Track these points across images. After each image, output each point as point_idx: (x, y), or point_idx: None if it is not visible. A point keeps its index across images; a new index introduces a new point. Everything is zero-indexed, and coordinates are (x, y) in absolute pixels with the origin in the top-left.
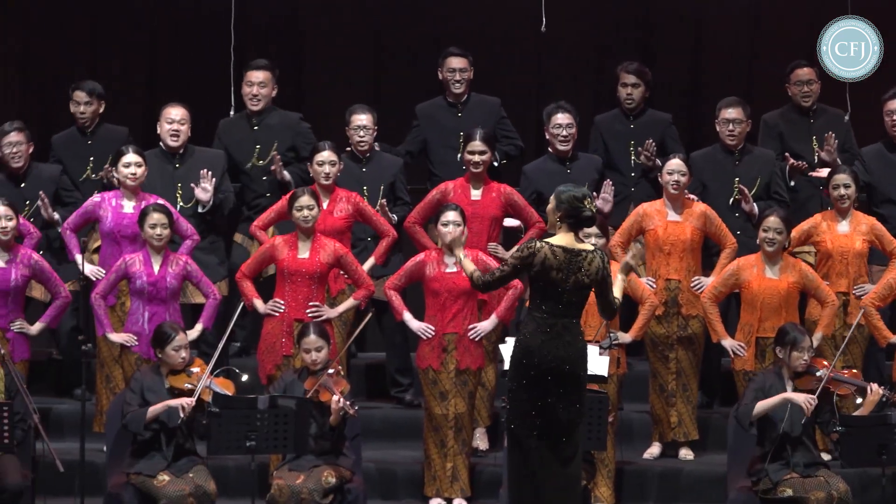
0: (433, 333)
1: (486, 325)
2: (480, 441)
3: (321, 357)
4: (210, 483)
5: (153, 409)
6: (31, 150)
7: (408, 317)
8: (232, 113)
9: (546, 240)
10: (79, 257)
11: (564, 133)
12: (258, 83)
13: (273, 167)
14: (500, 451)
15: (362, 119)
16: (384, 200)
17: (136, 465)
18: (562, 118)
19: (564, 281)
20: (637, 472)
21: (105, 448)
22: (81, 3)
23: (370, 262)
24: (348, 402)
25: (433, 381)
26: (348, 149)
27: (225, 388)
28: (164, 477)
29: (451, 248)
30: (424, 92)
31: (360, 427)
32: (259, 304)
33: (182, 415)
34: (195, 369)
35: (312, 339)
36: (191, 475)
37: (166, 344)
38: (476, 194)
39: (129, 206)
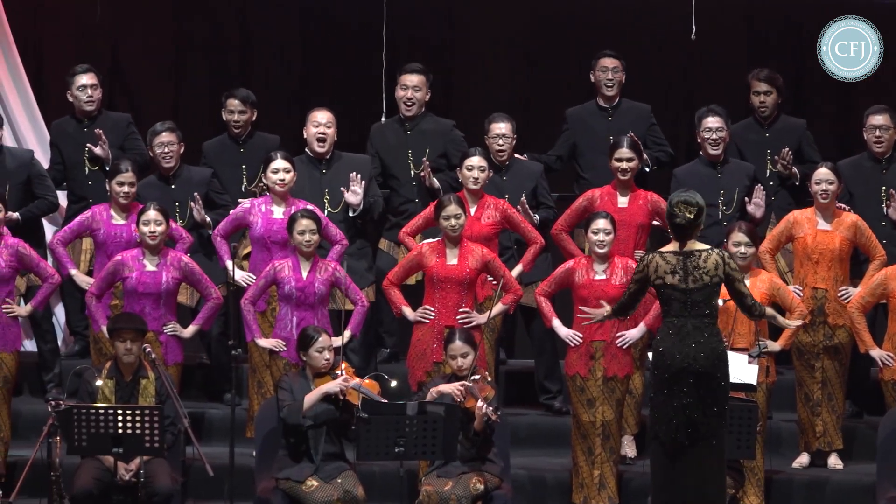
0: (581, 341)
1: (633, 334)
2: (628, 448)
3: (467, 363)
4: (358, 488)
5: (309, 398)
6: (182, 151)
7: (556, 323)
8: (384, 119)
9: (658, 250)
10: (229, 263)
11: (715, 136)
12: (412, 87)
13: (422, 173)
14: (648, 459)
15: (501, 128)
16: (524, 199)
17: (284, 471)
18: (712, 122)
19: (683, 281)
20: (785, 481)
21: (254, 453)
22: (232, 10)
23: (518, 268)
24: (491, 408)
25: (581, 389)
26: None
27: (370, 388)
28: (313, 482)
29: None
30: (574, 99)
31: (509, 433)
32: (408, 311)
33: (340, 395)
34: (340, 373)
35: (459, 345)
36: (339, 480)
37: (310, 346)
38: (623, 201)
39: (278, 212)
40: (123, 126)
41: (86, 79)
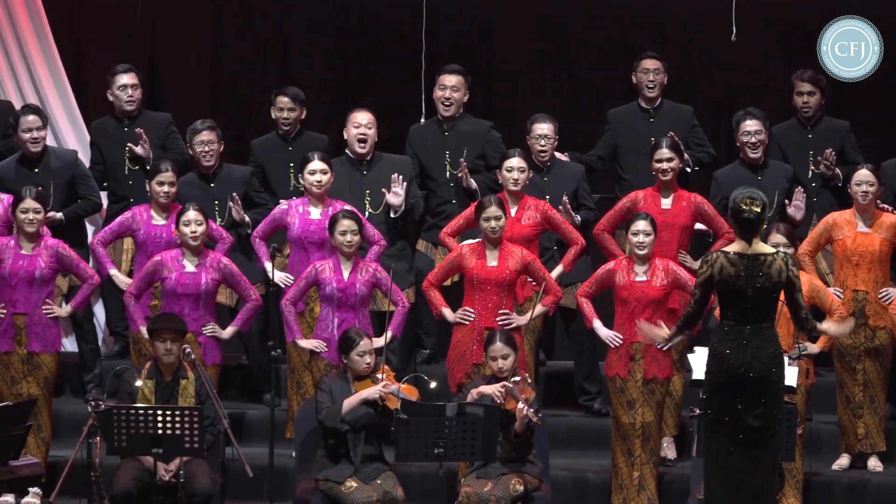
0: (621, 342)
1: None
2: (668, 450)
3: (508, 365)
4: (398, 489)
5: (348, 402)
6: (221, 150)
7: (597, 324)
8: (423, 120)
9: (722, 249)
10: (268, 265)
11: (753, 140)
12: (451, 87)
13: (459, 174)
14: (688, 461)
15: (543, 128)
16: (566, 199)
17: (324, 471)
18: (751, 125)
19: (746, 286)
20: (825, 484)
21: (294, 453)
22: (272, 9)
23: (558, 269)
24: (532, 410)
25: (620, 390)
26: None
27: (409, 394)
28: (352, 483)
29: None
30: (613, 100)
31: (549, 435)
32: (448, 313)
33: (378, 402)
34: (380, 375)
35: (499, 346)
36: (378, 482)
37: (351, 349)
38: (666, 203)
39: (316, 213)
40: (164, 126)
41: (126, 78)
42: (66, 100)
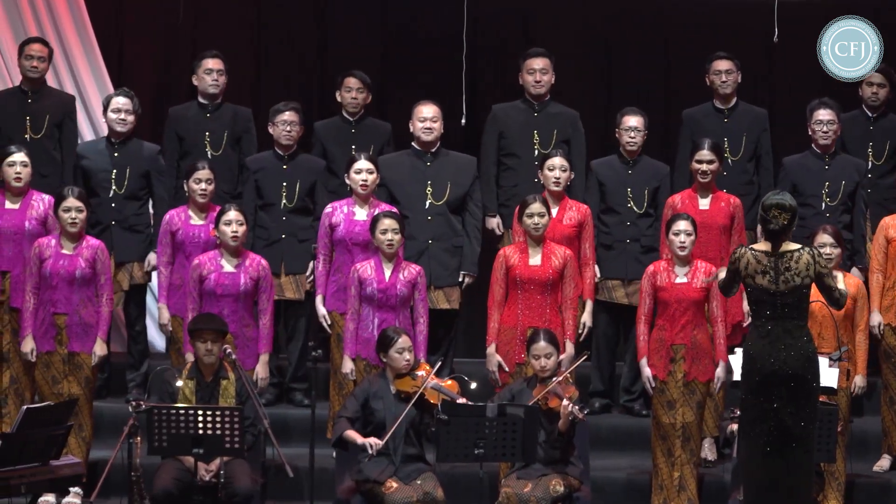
0: (653, 390)
1: (720, 374)
2: (709, 451)
3: (550, 364)
4: (438, 490)
5: (349, 435)
6: (300, 134)
7: (643, 363)
8: (463, 121)
9: (751, 245)
10: (311, 266)
11: (825, 129)
12: (539, 69)
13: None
14: (728, 462)
15: (632, 121)
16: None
17: (364, 472)
18: (824, 114)
19: (774, 283)
20: (867, 485)
21: (334, 454)
22: (312, 11)
23: (597, 270)
24: (577, 407)
25: (660, 391)
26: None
27: (450, 388)
28: (393, 484)
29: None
30: (654, 98)
31: (589, 436)
32: (492, 349)
33: (370, 451)
34: (420, 373)
35: (543, 345)
36: (419, 482)
37: (389, 347)
38: (704, 204)
39: (360, 214)
40: (245, 118)
41: (212, 63)
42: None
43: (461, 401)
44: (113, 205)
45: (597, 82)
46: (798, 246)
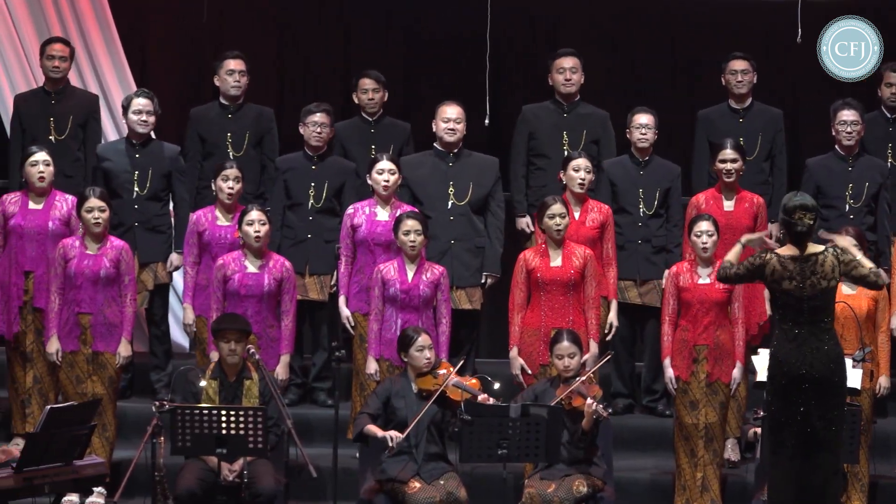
0: (675, 391)
1: (736, 375)
2: (731, 452)
3: (574, 364)
4: (461, 490)
5: (370, 429)
6: (331, 136)
7: (666, 362)
8: (486, 121)
9: (776, 251)
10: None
11: (850, 129)
12: (569, 68)
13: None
14: (751, 463)
15: (643, 119)
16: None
17: (387, 472)
18: (848, 114)
19: (800, 288)
20: (891, 487)
21: (357, 454)
22: (335, 12)
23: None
24: (601, 406)
25: (683, 391)
26: None
27: (471, 385)
28: (416, 484)
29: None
30: (677, 100)
31: (611, 436)
32: (515, 352)
33: (391, 444)
34: (442, 371)
35: (566, 345)
36: (441, 482)
37: (410, 346)
38: (728, 205)
39: (382, 214)
40: (268, 118)
41: (234, 64)
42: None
43: (482, 397)
44: (135, 206)
45: (616, 82)
46: (821, 248)
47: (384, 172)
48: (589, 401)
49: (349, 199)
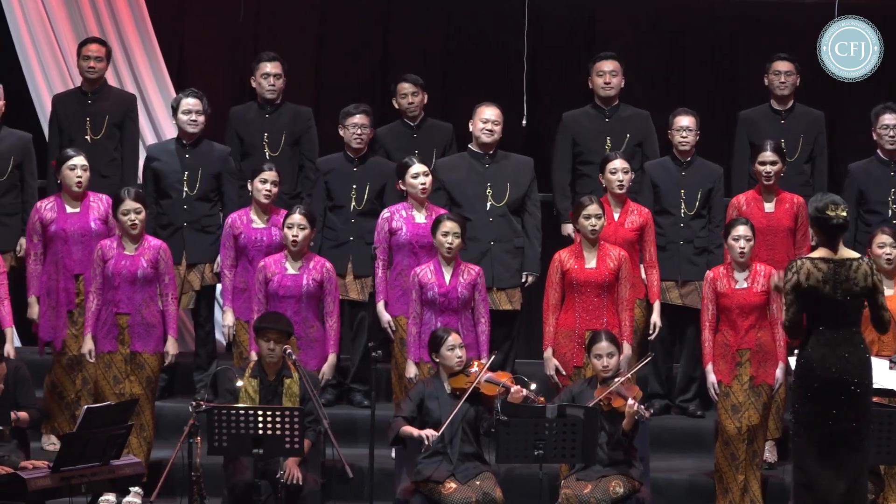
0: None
1: (779, 375)
2: (769, 454)
3: (612, 363)
4: (497, 490)
5: (406, 431)
6: (371, 137)
7: (709, 368)
8: (524, 122)
9: (807, 255)
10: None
11: (891, 133)
12: (609, 72)
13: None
14: (789, 464)
15: (685, 121)
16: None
17: (423, 472)
18: (889, 118)
19: (834, 291)
20: None
21: (393, 454)
22: (375, 11)
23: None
24: (642, 406)
25: (725, 394)
26: None
27: (500, 377)
28: (452, 484)
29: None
30: (717, 98)
31: (648, 437)
32: (548, 353)
33: (427, 443)
34: (474, 368)
35: (605, 345)
36: (477, 482)
37: (440, 346)
38: (769, 206)
39: (420, 217)
40: (305, 118)
41: (270, 67)
42: (168, 100)
43: (514, 389)
44: (185, 206)
45: (659, 84)
46: (857, 255)
47: (419, 175)
48: (630, 401)
49: (391, 200)
